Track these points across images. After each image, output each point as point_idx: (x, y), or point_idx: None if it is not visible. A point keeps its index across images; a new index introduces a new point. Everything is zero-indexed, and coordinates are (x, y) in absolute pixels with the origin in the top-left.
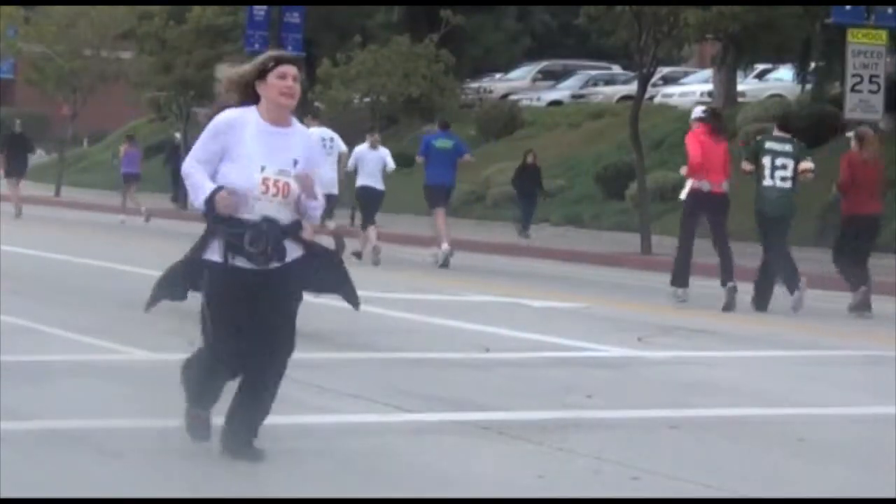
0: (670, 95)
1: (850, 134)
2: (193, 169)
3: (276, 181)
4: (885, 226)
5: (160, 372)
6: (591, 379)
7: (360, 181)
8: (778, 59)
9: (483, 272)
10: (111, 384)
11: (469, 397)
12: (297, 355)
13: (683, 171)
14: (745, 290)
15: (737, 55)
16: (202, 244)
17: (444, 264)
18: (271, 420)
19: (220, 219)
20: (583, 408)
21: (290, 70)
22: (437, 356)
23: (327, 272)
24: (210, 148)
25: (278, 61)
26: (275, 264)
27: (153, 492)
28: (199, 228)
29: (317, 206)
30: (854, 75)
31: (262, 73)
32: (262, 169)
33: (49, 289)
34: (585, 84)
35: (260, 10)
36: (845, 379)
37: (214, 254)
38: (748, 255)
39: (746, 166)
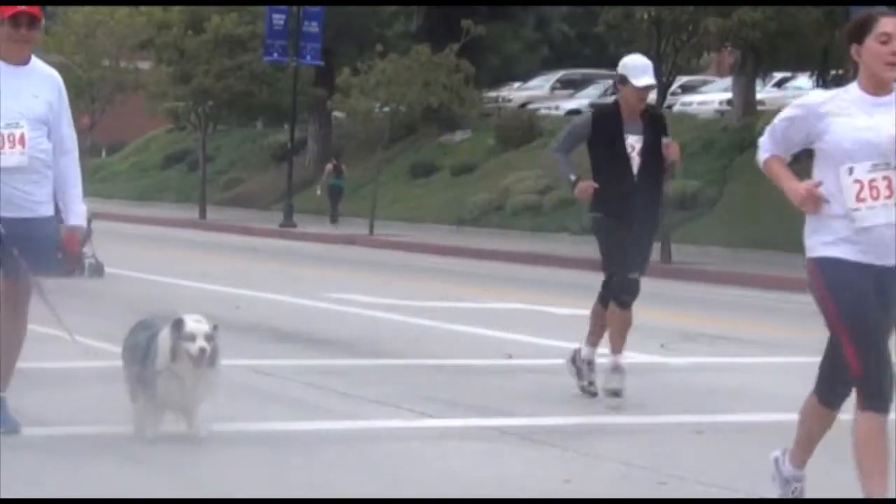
0: (689, 104)
1: None
2: None
3: None
4: None
5: None
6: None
7: None
8: (797, 67)
9: (503, 280)
10: None
11: (493, 403)
12: (321, 362)
13: None
14: (774, 299)
15: (756, 63)
16: None
17: None
18: (295, 426)
19: None
20: (607, 413)
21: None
22: (461, 363)
23: None
24: None
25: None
26: None
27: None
28: (217, 238)
29: None
30: None
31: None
32: None
33: (72, 297)
34: (604, 93)
35: (279, 20)
36: None
37: None
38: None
39: None
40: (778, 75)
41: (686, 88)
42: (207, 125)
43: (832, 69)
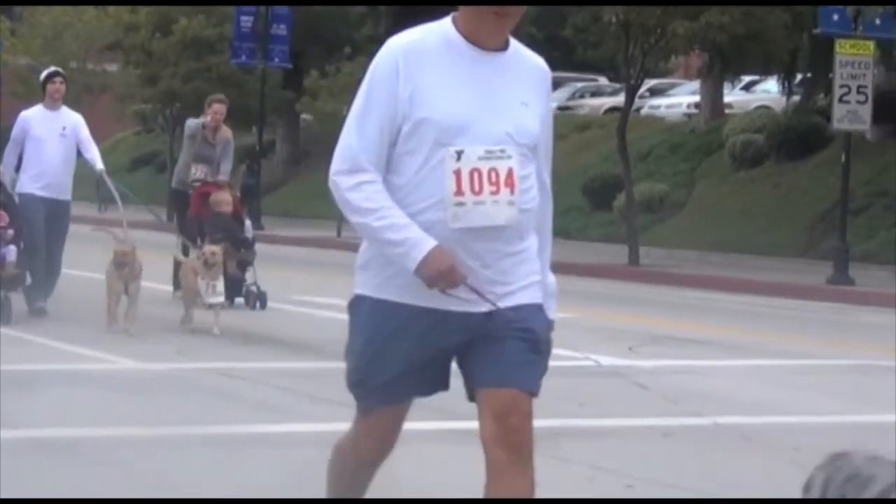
0: (657, 107)
1: None
2: None
3: None
4: (874, 237)
5: (147, 381)
6: (583, 388)
7: None
8: (765, 70)
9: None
10: (100, 393)
11: (461, 406)
12: (287, 364)
13: None
14: (741, 302)
15: (723, 67)
16: None
17: None
18: (264, 428)
19: None
20: (575, 416)
21: None
22: None
23: None
24: None
25: None
26: None
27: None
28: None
29: None
30: (842, 86)
31: None
32: None
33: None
34: (572, 96)
35: (247, 22)
36: (837, 388)
37: None
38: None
39: None
40: (746, 78)
41: (654, 91)
42: (175, 127)
43: (799, 72)
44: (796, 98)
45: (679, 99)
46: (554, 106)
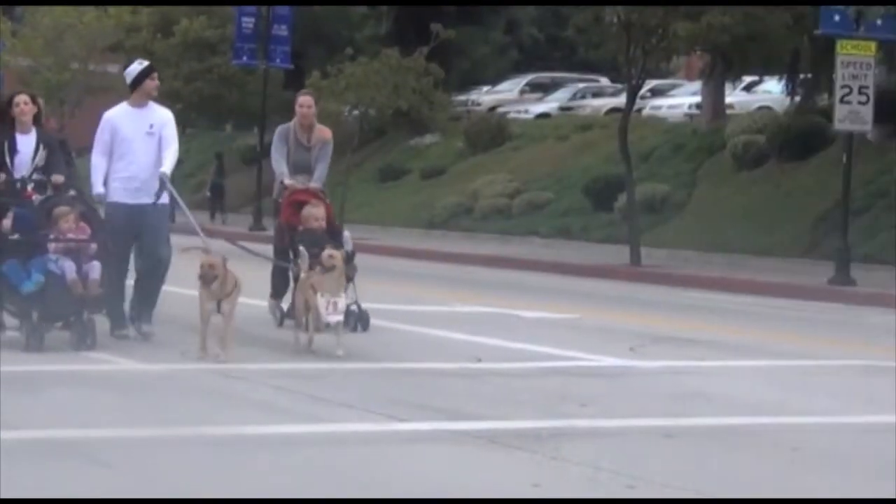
0: (659, 108)
1: None
2: None
3: None
4: (875, 238)
5: (148, 381)
6: (585, 388)
7: None
8: (766, 71)
9: (472, 284)
10: (100, 393)
11: (462, 407)
12: (289, 365)
13: None
14: (742, 302)
15: (725, 67)
16: None
17: None
18: (265, 429)
19: None
20: (577, 417)
21: None
22: (430, 366)
23: None
24: None
25: None
26: None
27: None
28: (186, 241)
29: None
30: (843, 86)
31: None
32: None
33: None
34: (573, 96)
35: (248, 23)
36: (839, 388)
37: None
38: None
39: None
40: (747, 79)
41: (655, 92)
42: (177, 128)
43: (800, 73)
44: (798, 99)
45: (680, 100)
46: (555, 106)
